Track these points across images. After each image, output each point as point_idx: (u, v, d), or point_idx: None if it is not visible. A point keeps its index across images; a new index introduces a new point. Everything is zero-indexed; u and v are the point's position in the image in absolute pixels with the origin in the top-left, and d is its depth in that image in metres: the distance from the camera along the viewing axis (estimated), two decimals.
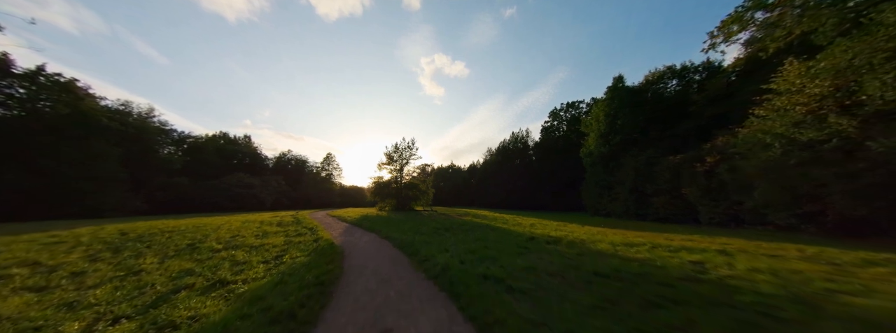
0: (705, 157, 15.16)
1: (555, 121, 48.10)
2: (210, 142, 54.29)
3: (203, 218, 17.96)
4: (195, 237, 9.79)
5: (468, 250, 7.37)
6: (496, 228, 12.75)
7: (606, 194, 24.87)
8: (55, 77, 27.85)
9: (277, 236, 10.26)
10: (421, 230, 12.00)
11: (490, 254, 6.82)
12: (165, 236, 9.88)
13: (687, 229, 13.32)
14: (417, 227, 12.94)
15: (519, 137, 51.91)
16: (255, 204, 41.26)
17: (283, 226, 13.21)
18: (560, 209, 38.88)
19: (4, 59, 25.49)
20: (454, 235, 10.50)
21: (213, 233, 10.59)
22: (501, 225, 14.51)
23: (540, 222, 15.95)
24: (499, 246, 8.10)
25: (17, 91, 26.92)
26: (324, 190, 60.60)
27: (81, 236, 9.45)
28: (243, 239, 9.69)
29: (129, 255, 7.07)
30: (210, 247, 8.14)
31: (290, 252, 7.48)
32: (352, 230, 12.70)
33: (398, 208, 28.96)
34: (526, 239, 9.42)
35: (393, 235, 10.20)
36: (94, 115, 30.09)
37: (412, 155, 30.32)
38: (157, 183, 35.28)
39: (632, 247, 7.68)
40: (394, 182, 30.43)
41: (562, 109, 47.30)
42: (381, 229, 12.28)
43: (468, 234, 10.81)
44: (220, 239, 9.57)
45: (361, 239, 9.91)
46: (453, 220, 16.92)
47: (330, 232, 11.58)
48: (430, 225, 13.59)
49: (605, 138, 26.44)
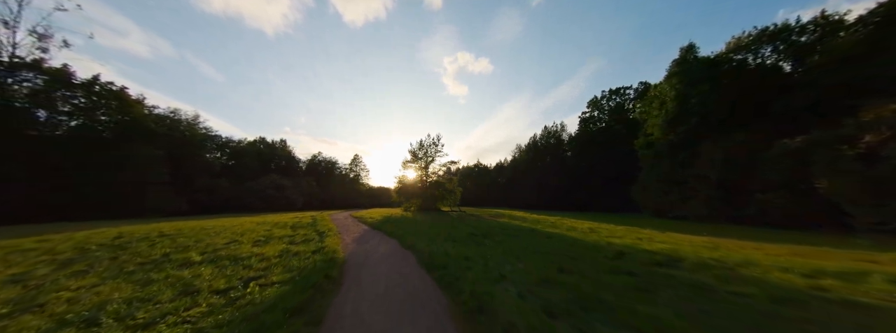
0: (860, 135, 10.49)
1: (594, 111, 42.44)
2: (250, 147, 56.39)
3: (221, 220, 16.83)
4: (185, 243, 8.00)
5: (540, 278, 4.52)
6: (549, 235, 9.71)
7: (674, 192, 19.95)
8: (108, 86, 29.34)
9: (278, 243, 8.19)
10: (453, 236, 9.37)
11: (585, 290, 3.94)
12: (153, 242, 8.21)
13: (847, 241, 8.84)
14: (448, 232, 10.32)
15: (552, 132, 46.84)
16: (286, 204, 41.38)
17: (294, 229, 11.29)
18: (604, 209, 33.71)
19: (66, 71, 27.18)
20: (498, 245, 7.72)
21: (208, 239, 8.80)
22: (550, 229, 11.42)
23: (597, 226, 12.56)
24: (580, 268, 5.15)
25: (79, 100, 28.70)
26: (352, 191, 60.49)
27: (64, 241, 8.03)
28: (238, 245, 7.72)
29: (70, 272, 5.20)
30: (184, 260, 6.15)
31: (273, 271, 5.20)
32: (370, 235, 10.38)
33: (424, 208, 26.65)
34: (610, 254, 6.36)
35: (419, 244, 7.66)
36: (141, 121, 31.46)
37: (438, 152, 27.97)
38: (199, 184, 36.31)
39: (854, 282, 4.34)
40: (419, 181, 28.26)
41: (603, 97, 41.43)
42: (404, 234, 9.83)
43: (516, 243, 7.98)
44: (210, 246, 7.67)
45: (377, 250, 7.47)
46: (488, 223, 14.06)
47: (342, 239, 9.33)
48: (463, 230, 10.90)
49: (673, 123, 21.09)
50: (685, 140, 19.87)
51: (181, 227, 11.86)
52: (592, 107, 42.56)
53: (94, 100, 28.81)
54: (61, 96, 27.82)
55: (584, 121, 43.15)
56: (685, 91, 20.44)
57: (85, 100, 28.46)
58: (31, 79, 26.36)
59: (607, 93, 41.04)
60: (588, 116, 42.90)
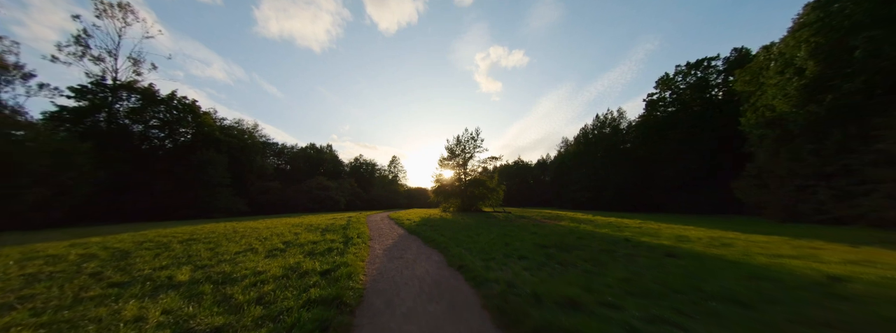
0: None
1: (666, 91, 34.09)
2: (301, 153, 60.16)
3: (264, 221, 16.40)
4: (187, 252, 6.68)
5: None
6: (670, 251, 6.43)
7: (821, 186, 14.03)
8: (183, 99, 32.48)
9: (296, 253, 6.44)
10: (516, 248, 6.75)
11: None
12: (165, 249, 7.07)
13: None
14: (505, 241, 7.72)
15: (607, 120, 39.52)
16: (331, 204, 42.40)
17: (324, 234, 9.69)
18: (686, 210, 26.52)
19: (152, 89, 30.65)
20: (600, 269, 4.91)
21: (224, 245, 7.48)
22: (649, 239, 8.09)
23: (722, 236, 8.69)
24: None
25: (163, 115, 32.27)
26: (391, 192, 60.77)
27: (80, 246, 7.26)
28: (247, 256, 6.14)
29: (23, 294, 3.81)
30: (165, 279, 4.56)
31: (250, 310, 3.17)
32: (405, 243, 8.25)
33: (463, 209, 24.24)
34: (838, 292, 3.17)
35: (473, 263, 5.23)
36: (211, 131, 34.40)
37: (476, 147, 25.34)
38: (257, 187, 38.73)
39: None
40: (457, 179, 25.93)
41: (679, 73, 33.03)
42: (447, 243, 7.50)
43: (621, 266, 5.08)
44: (216, 257, 6.21)
45: (413, 272, 5.19)
46: (551, 228, 11.05)
47: (371, 248, 7.32)
48: (525, 238, 8.17)
49: (816, 90, 14.54)
50: (841, 112, 13.57)
51: (214, 229, 11.11)
52: (662, 86, 34.16)
53: (173, 113, 32.17)
54: (150, 112, 31.54)
55: (650, 104, 35.04)
56: (839, 37, 13.79)
57: (166, 113, 31.90)
58: (129, 99, 30.23)
59: (683, 68, 32.50)
60: (656, 98, 34.79)
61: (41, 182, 16.27)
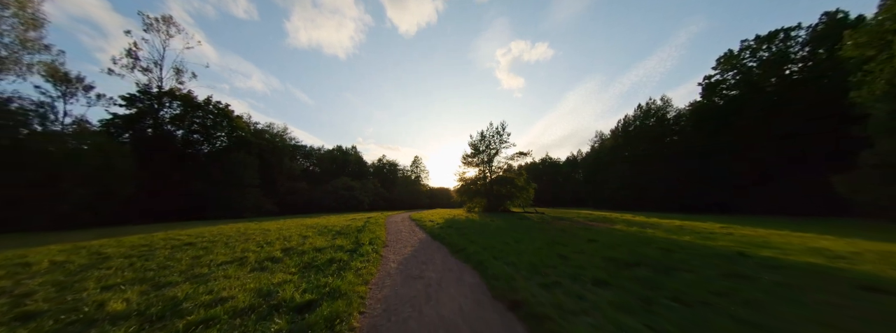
0: None
1: (727, 71, 28.49)
2: (327, 154, 61.56)
3: (278, 222, 15.64)
4: (166, 262, 5.47)
5: None
6: (866, 280, 4.01)
7: None
8: (217, 103, 33.80)
9: (288, 266, 4.96)
10: (578, 264, 4.71)
11: None
12: (144, 258, 5.97)
13: None
14: (556, 251, 5.69)
15: (652, 110, 34.47)
16: (355, 204, 42.22)
17: (335, 238, 8.29)
18: (764, 211, 21.28)
19: (191, 95, 32.21)
20: (784, 321, 2.75)
21: (218, 251, 6.25)
22: (782, 255, 5.58)
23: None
24: None
25: (202, 119, 33.85)
26: (414, 192, 60.02)
27: (63, 253, 6.39)
28: (223, 272, 4.76)
29: None
30: (94, 308, 3.21)
31: None
32: (426, 253, 6.52)
33: (489, 209, 22.16)
34: None
35: (525, 288, 3.35)
36: (242, 134, 35.56)
37: (503, 142, 23.12)
38: (285, 187, 39.49)
39: None
40: (482, 177, 23.87)
41: (747, 48, 26.99)
42: (481, 253, 5.66)
43: (782, 303, 2.89)
44: (191, 268, 4.90)
45: (438, 304, 3.38)
46: (615, 235, 8.72)
47: (383, 260, 5.66)
48: (583, 248, 6.05)
49: None
50: None
51: (226, 231, 10.20)
52: (725, 66, 28.45)
53: (210, 118, 33.64)
54: (190, 117, 33.21)
55: (709, 88, 29.31)
56: None
57: (204, 118, 33.41)
58: (172, 105, 32.02)
59: (752, 42, 26.69)
60: (716, 81, 29.06)
61: (85, 184, 16.88)
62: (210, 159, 31.56)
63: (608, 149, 38.04)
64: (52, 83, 26.90)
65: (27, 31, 16.32)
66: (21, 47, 16.69)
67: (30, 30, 16.49)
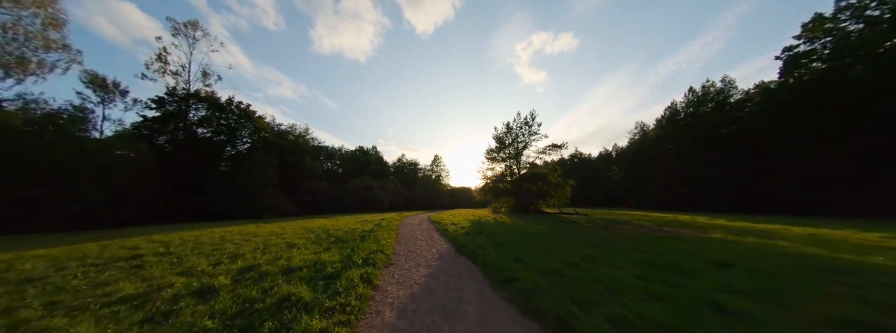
0: None
1: (820, 39, 21.71)
2: (349, 155, 61.59)
3: (281, 224, 13.93)
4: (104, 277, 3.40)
5: None
6: None
7: None
8: (239, 104, 33.90)
9: (219, 302, 2.65)
10: (752, 317, 1.92)
11: None
12: (102, 271, 3.99)
13: None
14: (664, 278, 2.88)
15: (708, 95, 28.79)
16: (375, 204, 40.90)
17: (325, 249, 6.06)
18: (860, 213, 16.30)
19: (214, 96, 32.53)
20: None
21: (187, 261, 4.17)
22: None
23: None
24: None
25: (226, 120, 34.19)
26: (434, 192, 58.04)
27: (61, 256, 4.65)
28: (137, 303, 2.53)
29: None
30: None
31: None
32: (450, 281, 3.99)
33: (517, 209, 19.21)
34: None
35: None
36: (264, 134, 35.46)
37: (533, 134, 20.01)
38: (306, 187, 39.03)
39: None
40: (509, 173, 20.93)
41: (848, 8, 20.07)
42: (549, 292, 3.03)
43: None
44: (108, 299, 2.74)
45: None
46: (730, 249, 5.64)
47: (378, 291, 3.18)
48: (728, 285, 3.19)
49: None
50: None
51: (223, 234, 8.42)
52: (814, 33, 21.56)
53: (232, 118, 33.84)
54: (216, 119, 33.62)
55: (792, 61, 22.51)
56: None
57: (228, 119, 33.67)
58: (198, 107, 32.53)
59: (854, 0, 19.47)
60: (801, 52, 22.33)
61: (99, 185, 16.45)
62: (231, 159, 31.55)
63: (652, 141, 32.98)
64: (92, 89, 28.04)
65: (46, 30, 16.29)
66: (43, 47, 16.71)
67: (50, 30, 16.47)
